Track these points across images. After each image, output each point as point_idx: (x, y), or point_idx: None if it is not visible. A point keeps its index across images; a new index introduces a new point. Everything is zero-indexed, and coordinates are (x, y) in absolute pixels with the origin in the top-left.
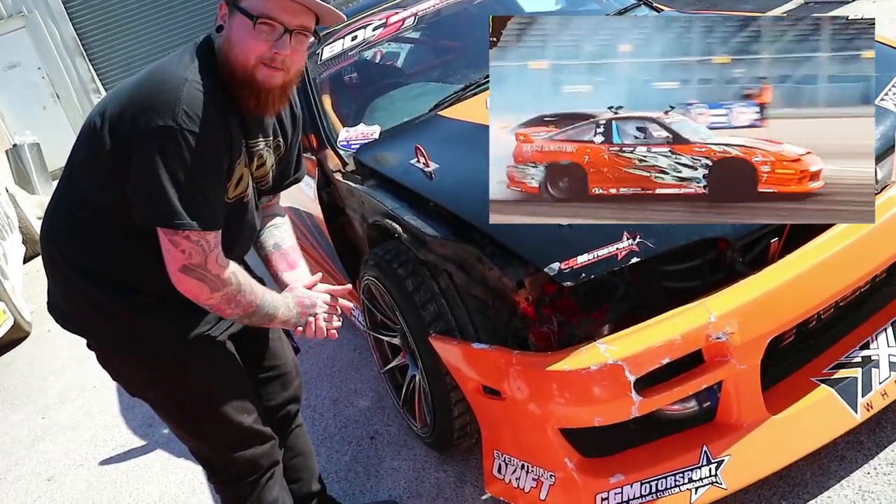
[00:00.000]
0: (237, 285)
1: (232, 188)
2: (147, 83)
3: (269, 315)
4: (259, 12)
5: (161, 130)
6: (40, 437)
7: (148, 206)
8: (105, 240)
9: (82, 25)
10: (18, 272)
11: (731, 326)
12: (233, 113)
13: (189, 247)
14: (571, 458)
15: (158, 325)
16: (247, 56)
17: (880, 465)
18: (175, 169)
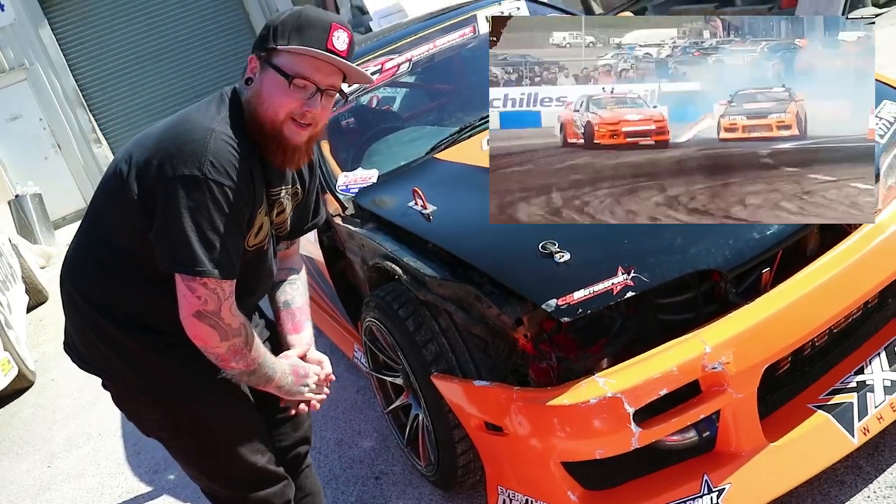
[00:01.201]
0: (245, 339)
1: (252, 237)
2: (174, 132)
3: (267, 376)
4: (294, 72)
5: (187, 179)
6: (46, 486)
7: (170, 252)
8: (126, 281)
9: (83, 77)
10: (22, 322)
11: (727, 356)
12: (256, 163)
13: (205, 294)
14: (574, 491)
15: (175, 365)
16: (277, 112)
17: (879, 489)
18: (198, 218)
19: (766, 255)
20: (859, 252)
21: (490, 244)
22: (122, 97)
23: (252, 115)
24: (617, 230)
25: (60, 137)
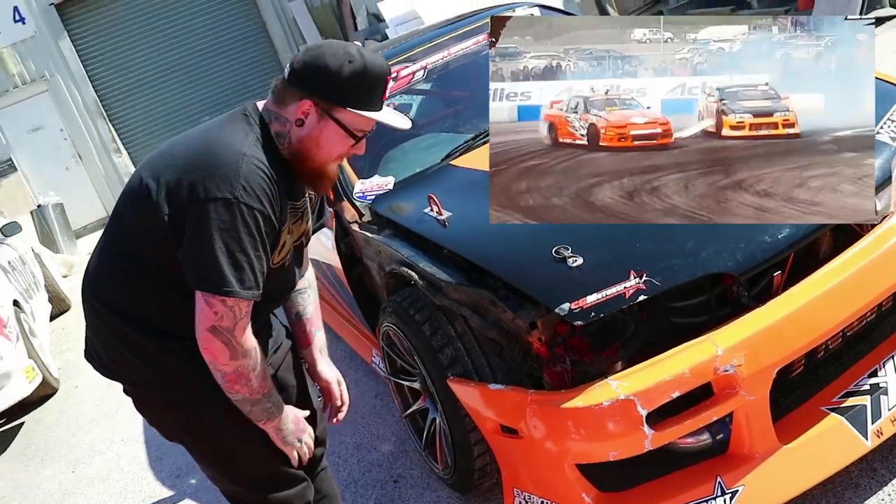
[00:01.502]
0: (254, 362)
1: (276, 255)
2: (206, 154)
3: (270, 412)
4: (360, 131)
5: (220, 202)
6: (71, 491)
7: (199, 271)
8: (148, 289)
9: (103, 88)
10: (45, 330)
11: (739, 359)
12: (283, 184)
13: (223, 310)
14: (589, 493)
15: (189, 371)
16: (331, 156)
17: (894, 492)
18: (228, 240)
19: (777, 259)
20: (872, 255)
21: (504, 249)
22: (142, 107)
23: (304, 153)
24: (629, 234)
25: (81, 148)
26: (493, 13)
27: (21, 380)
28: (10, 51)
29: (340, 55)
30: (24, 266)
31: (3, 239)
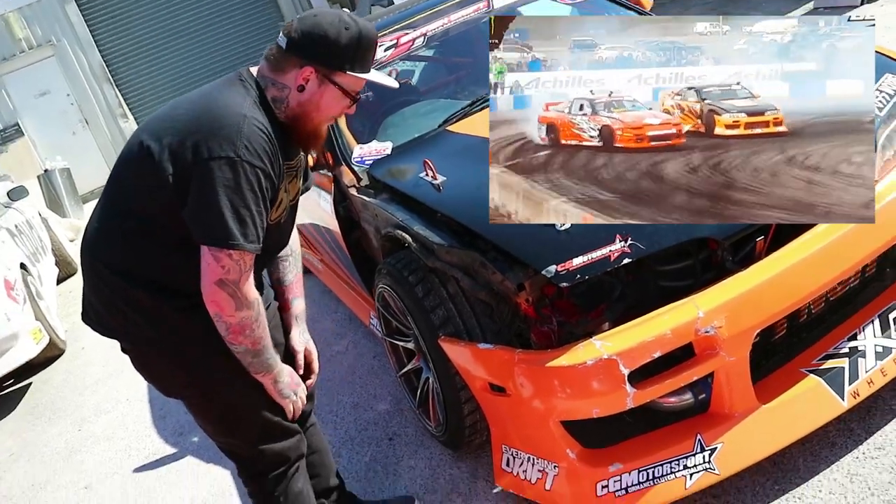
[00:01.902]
0: (257, 314)
1: (274, 211)
2: (207, 116)
3: (268, 364)
4: (354, 90)
5: (224, 160)
6: (77, 449)
7: (205, 227)
8: (150, 249)
9: (109, 53)
10: (52, 293)
11: (719, 321)
12: (281, 143)
13: (230, 264)
14: (573, 449)
15: (198, 323)
16: (329, 117)
17: (868, 450)
18: (232, 195)
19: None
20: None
21: None
22: (148, 72)
23: (303, 116)
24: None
25: (88, 113)
26: None
27: (28, 341)
28: (17, 15)
29: (337, 23)
30: (31, 230)
31: (11, 203)
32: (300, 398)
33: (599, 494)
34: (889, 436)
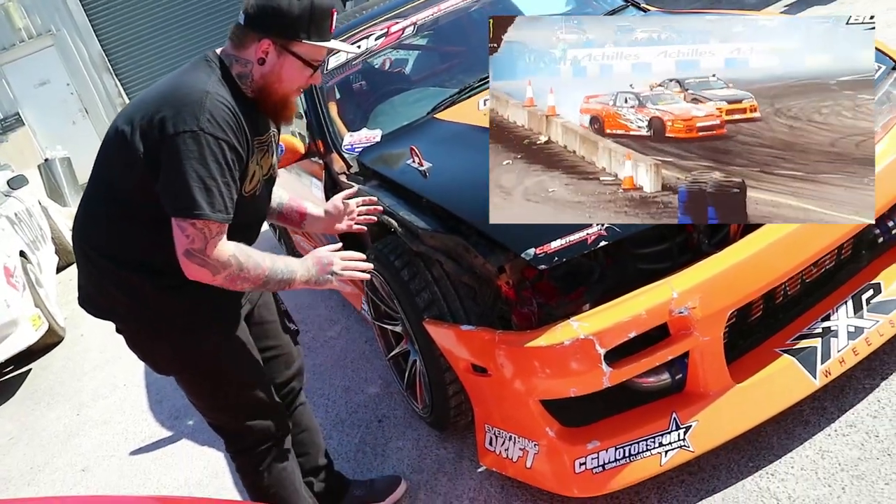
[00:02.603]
0: (238, 266)
1: (248, 184)
2: (172, 95)
3: (285, 280)
4: (313, 59)
5: (188, 134)
6: (75, 433)
7: (173, 198)
8: (133, 230)
9: (108, 42)
10: (52, 281)
11: (693, 301)
12: (247, 118)
13: (193, 233)
14: (552, 427)
15: (183, 301)
16: (292, 87)
17: (840, 428)
18: (196, 166)
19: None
20: None
21: (478, 198)
22: (148, 62)
23: (266, 88)
24: None
25: (87, 102)
26: None
27: (28, 327)
28: (16, 4)
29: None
30: (30, 218)
31: (11, 192)
32: (348, 267)
33: (578, 471)
34: (860, 414)
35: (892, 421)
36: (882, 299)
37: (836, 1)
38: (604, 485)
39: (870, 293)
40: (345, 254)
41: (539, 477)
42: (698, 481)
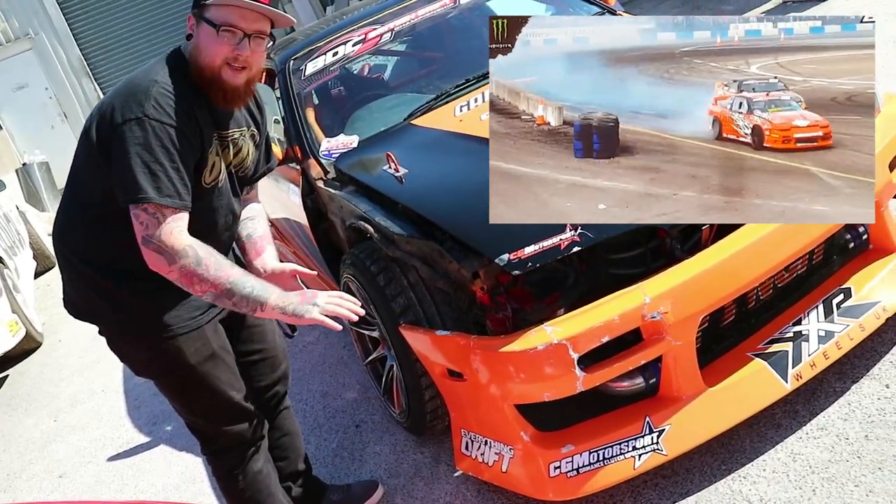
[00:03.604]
0: (195, 259)
1: (207, 174)
2: (123, 88)
3: (255, 299)
4: (222, 21)
5: (132, 121)
6: (52, 439)
7: (121, 186)
8: (107, 233)
9: (87, 46)
10: (30, 286)
11: (665, 306)
12: (202, 108)
13: (146, 218)
14: (527, 431)
15: (158, 307)
16: (213, 59)
17: (811, 431)
18: (142, 151)
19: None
20: None
21: (453, 204)
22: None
23: (194, 64)
24: None
25: (66, 106)
26: None
27: (5, 333)
28: None
29: None
30: (8, 223)
31: None
32: (333, 300)
33: (552, 475)
34: (831, 417)
35: (861, 424)
36: (852, 304)
37: (818, 4)
38: (578, 488)
39: (840, 298)
40: (335, 293)
41: (514, 481)
42: (672, 484)
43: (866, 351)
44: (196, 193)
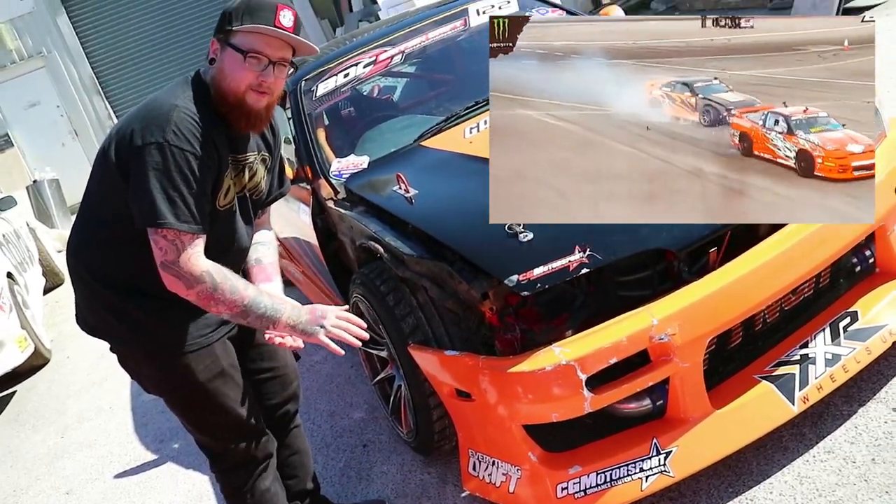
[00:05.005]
0: (212, 284)
1: (222, 197)
2: (144, 110)
3: (268, 317)
4: (248, 48)
5: (153, 146)
6: (59, 455)
7: (139, 209)
8: (121, 252)
9: (99, 65)
10: (39, 303)
11: (673, 328)
12: (220, 133)
13: (166, 245)
14: (534, 452)
15: (169, 325)
16: (238, 84)
17: (818, 454)
18: (161, 177)
19: (713, 236)
20: (800, 235)
21: (463, 225)
22: (138, 85)
23: (217, 89)
24: None
25: (77, 124)
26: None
27: (14, 349)
28: (8, 26)
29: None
30: (18, 240)
31: None
32: (338, 325)
33: (559, 496)
34: (838, 440)
35: (868, 447)
36: (859, 327)
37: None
38: None
39: (847, 321)
40: (343, 314)
41: (521, 502)
42: None
43: (873, 374)
44: (211, 216)
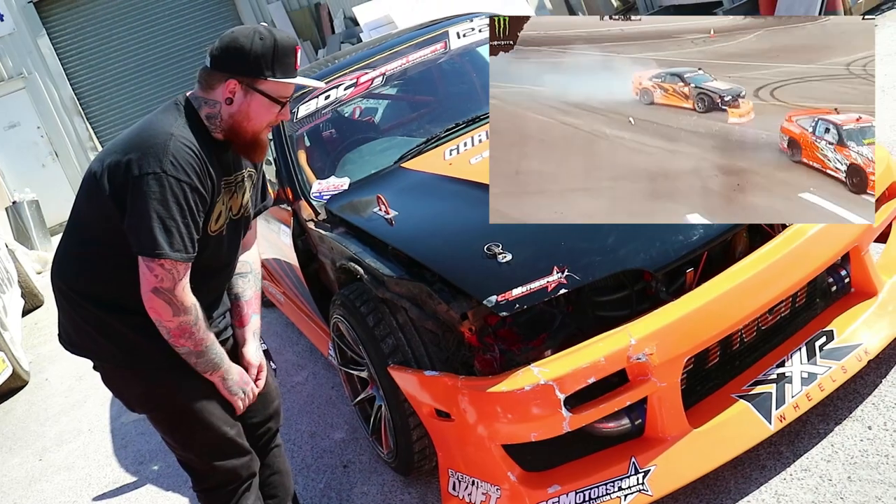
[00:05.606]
0: (195, 318)
1: (213, 223)
2: (139, 138)
3: (213, 363)
4: (282, 97)
5: (150, 176)
6: (37, 478)
7: (137, 238)
8: (106, 270)
9: (80, 86)
10: (17, 324)
11: (650, 348)
12: (212, 158)
13: (162, 273)
14: (514, 471)
15: (152, 341)
16: (261, 124)
17: (795, 472)
18: (159, 208)
19: (690, 257)
20: (776, 256)
21: (442, 246)
22: (119, 106)
23: (237, 127)
24: (557, 232)
25: (58, 145)
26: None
27: None
28: None
29: (251, 35)
30: None
31: None
32: (249, 396)
33: None
34: (814, 458)
35: (844, 465)
36: (834, 346)
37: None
38: None
39: (823, 340)
40: (251, 390)
41: None
42: None
43: (849, 393)
44: (201, 243)
